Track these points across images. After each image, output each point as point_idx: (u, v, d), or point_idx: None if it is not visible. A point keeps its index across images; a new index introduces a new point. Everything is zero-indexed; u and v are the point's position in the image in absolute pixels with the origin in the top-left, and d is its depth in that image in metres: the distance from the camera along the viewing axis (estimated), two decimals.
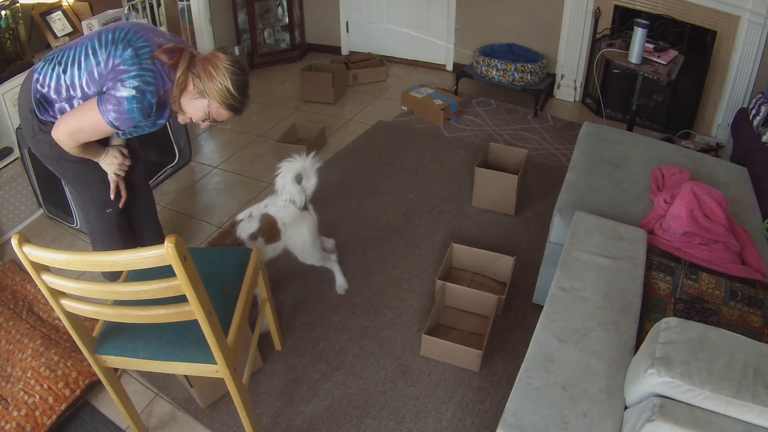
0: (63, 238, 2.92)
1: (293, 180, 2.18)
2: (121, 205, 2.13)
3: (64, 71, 1.75)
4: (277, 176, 2.18)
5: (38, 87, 1.79)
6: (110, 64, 1.70)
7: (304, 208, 2.24)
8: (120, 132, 1.76)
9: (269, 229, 2.17)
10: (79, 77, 1.74)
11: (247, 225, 2.14)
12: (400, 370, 2.12)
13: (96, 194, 2.07)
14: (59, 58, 1.77)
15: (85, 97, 1.77)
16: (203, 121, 1.80)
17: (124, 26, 1.76)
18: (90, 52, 1.73)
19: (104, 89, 1.70)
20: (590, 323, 1.54)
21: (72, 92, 1.77)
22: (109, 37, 1.73)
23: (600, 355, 1.45)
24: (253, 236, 2.13)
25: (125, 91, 1.66)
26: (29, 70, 1.88)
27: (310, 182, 2.25)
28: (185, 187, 3.32)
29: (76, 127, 1.75)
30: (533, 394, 1.38)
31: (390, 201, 3.08)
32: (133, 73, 1.66)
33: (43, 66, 1.79)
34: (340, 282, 2.49)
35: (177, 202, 3.17)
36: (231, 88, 1.69)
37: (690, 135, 3.64)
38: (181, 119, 1.83)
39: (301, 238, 2.25)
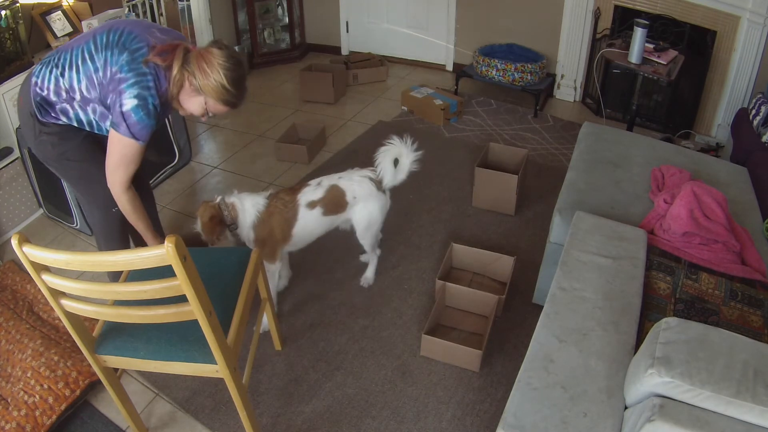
0: (63, 238, 2.92)
1: (392, 160, 2.23)
2: None
3: (62, 75, 1.76)
4: (380, 150, 2.23)
5: (37, 90, 1.80)
6: (108, 73, 1.71)
7: (383, 190, 2.28)
8: (141, 142, 1.78)
9: (333, 200, 2.18)
10: (78, 81, 1.76)
11: (311, 192, 2.15)
12: (400, 370, 2.12)
13: (101, 192, 2.06)
14: (56, 61, 1.78)
15: (85, 101, 1.79)
16: (202, 115, 1.83)
17: (119, 27, 1.76)
18: (87, 56, 1.74)
19: (108, 102, 1.73)
20: (590, 323, 1.54)
21: (72, 94, 1.79)
22: (104, 40, 1.73)
23: (600, 355, 1.45)
24: (311, 204, 2.14)
25: (128, 103, 1.68)
26: (27, 72, 1.88)
27: (400, 175, 2.29)
28: (185, 187, 3.32)
29: (112, 163, 1.79)
30: (533, 394, 1.38)
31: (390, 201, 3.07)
32: (131, 81, 1.68)
33: (41, 69, 1.80)
34: (369, 275, 2.51)
35: (177, 202, 3.17)
36: (226, 84, 1.70)
37: (690, 135, 3.64)
38: (181, 112, 1.86)
39: (369, 215, 2.27)
